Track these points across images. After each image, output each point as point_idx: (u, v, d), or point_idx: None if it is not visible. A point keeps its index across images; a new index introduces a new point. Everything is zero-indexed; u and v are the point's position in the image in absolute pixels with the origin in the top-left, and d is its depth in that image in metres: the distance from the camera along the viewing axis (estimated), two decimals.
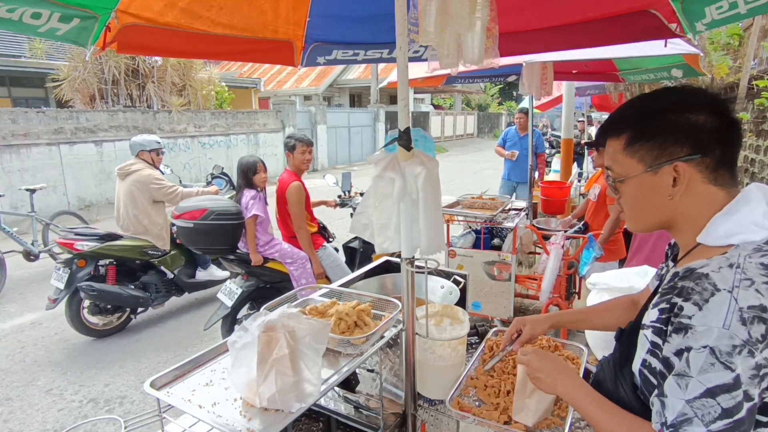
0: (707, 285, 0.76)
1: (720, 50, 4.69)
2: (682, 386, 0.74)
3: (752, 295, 0.72)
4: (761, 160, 3.70)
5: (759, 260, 0.76)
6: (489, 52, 1.29)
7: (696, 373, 0.73)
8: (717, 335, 0.72)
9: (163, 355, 3.77)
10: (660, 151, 0.86)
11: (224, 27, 1.80)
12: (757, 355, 0.71)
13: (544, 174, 7.08)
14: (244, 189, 3.49)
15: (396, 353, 1.56)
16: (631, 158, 0.89)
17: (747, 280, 0.74)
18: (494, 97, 35.46)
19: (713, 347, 0.72)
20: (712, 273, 0.77)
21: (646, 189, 0.88)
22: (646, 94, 0.92)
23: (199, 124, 12.06)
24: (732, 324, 0.71)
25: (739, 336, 0.71)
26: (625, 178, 0.90)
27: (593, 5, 1.92)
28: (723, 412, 0.71)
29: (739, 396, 0.71)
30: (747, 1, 1.37)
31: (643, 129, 0.87)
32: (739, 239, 0.80)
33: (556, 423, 1.19)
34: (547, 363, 1.04)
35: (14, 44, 13.19)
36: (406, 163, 1.25)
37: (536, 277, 3.44)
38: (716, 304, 0.74)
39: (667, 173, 0.85)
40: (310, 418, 1.66)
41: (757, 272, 0.74)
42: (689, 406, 0.73)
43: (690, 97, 0.86)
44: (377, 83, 18.13)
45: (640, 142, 0.87)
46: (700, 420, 0.72)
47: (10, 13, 1.21)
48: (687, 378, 0.74)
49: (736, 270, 0.75)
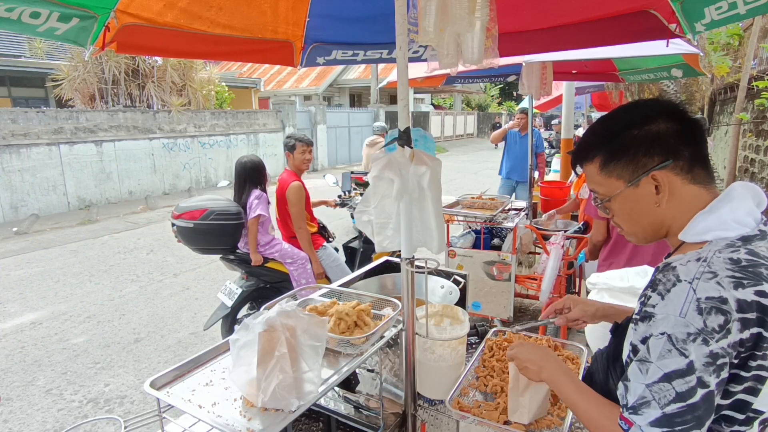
0: (671, 276, 0.80)
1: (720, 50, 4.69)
2: (643, 371, 0.78)
3: (712, 287, 0.75)
4: (761, 160, 3.70)
5: (728, 255, 0.78)
6: (488, 52, 1.29)
7: (655, 358, 0.77)
8: (673, 323, 0.75)
9: (163, 355, 3.77)
10: (634, 166, 0.90)
11: (224, 27, 1.80)
12: (712, 343, 0.73)
13: (545, 174, 7.07)
14: (251, 189, 3.47)
15: (396, 353, 1.56)
16: (609, 178, 0.93)
17: (710, 273, 0.77)
18: (494, 97, 35.47)
19: (670, 334, 0.75)
20: (679, 266, 0.81)
21: (633, 202, 0.92)
22: (603, 118, 0.97)
23: (199, 124, 12.06)
24: (688, 313, 0.74)
25: (694, 324, 0.74)
26: (611, 197, 0.94)
27: (593, 5, 1.92)
28: (677, 396, 0.74)
29: (693, 381, 0.73)
30: (746, 2, 1.37)
31: (611, 150, 0.92)
32: (713, 235, 0.83)
33: (555, 423, 1.19)
34: (534, 352, 1.10)
35: (14, 44, 13.19)
36: (407, 162, 1.25)
37: (536, 277, 3.44)
38: (676, 294, 0.77)
39: (647, 183, 0.89)
40: (310, 418, 1.66)
41: (723, 266, 0.77)
42: (648, 390, 0.77)
43: (644, 109, 0.91)
44: (377, 83, 18.13)
45: (613, 162, 0.92)
46: (656, 403, 0.76)
47: (9, 13, 1.21)
48: (647, 363, 0.78)
49: (702, 263, 0.78)
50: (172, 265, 6.02)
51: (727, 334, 0.73)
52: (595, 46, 2.13)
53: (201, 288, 5.23)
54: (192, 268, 5.88)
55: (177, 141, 11.51)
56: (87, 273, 5.77)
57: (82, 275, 5.71)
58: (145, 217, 8.99)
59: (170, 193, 11.43)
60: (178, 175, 11.72)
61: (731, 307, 0.73)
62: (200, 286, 5.30)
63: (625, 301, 1.79)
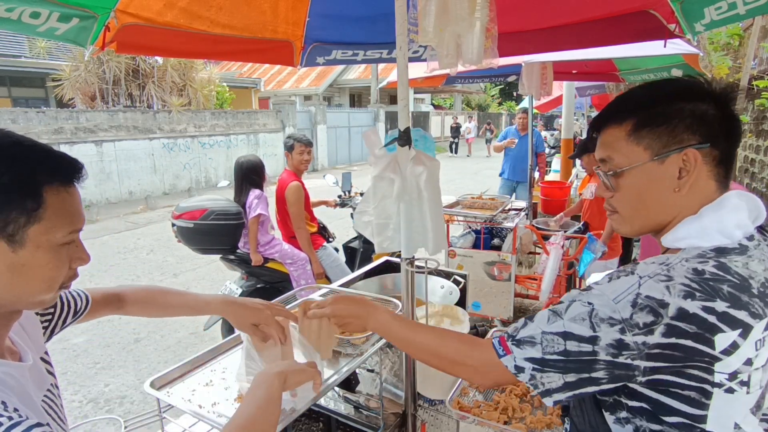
0: (628, 269, 0.79)
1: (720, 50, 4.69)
2: (550, 320, 0.79)
3: (659, 289, 0.72)
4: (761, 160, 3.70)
5: (693, 265, 0.74)
6: (488, 52, 1.29)
7: (567, 318, 0.77)
8: (604, 302, 0.75)
9: (163, 355, 3.77)
10: (670, 138, 0.80)
11: (223, 27, 1.80)
12: (628, 335, 0.72)
13: (545, 174, 7.07)
14: (250, 189, 3.47)
15: (396, 353, 1.56)
16: (637, 146, 0.83)
17: (665, 276, 0.74)
18: (494, 97, 35.47)
19: (594, 308, 0.75)
20: (642, 263, 0.80)
21: (651, 180, 0.83)
22: (652, 82, 0.87)
23: (199, 124, 12.07)
24: (621, 302, 0.73)
25: (620, 313, 0.73)
26: (627, 169, 0.84)
27: (593, 5, 1.92)
28: (564, 351, 0.76)
29: (586, 348, 0.74)
30: (746, 2, 1.37)
31: (651, 114, 0.82)
32: (687, 243, 0.79)
33: (556, 423, 1.19)
34: (353, 305, 1.08)
35: (14, 44, 13.19)
36: (406, 163, 1.25)
37: (536, 277, 3.44)
38: (621, 282, 0.77)
39: (673, 163, 0.80)
40: (310, 418, 1.66)
41: (683, 275, 0.73)
42: (541, 335, 0.79)
43: (695, 86, 0.83)
44: (377, 83, 18.12)
45: (649, 128, 0.82)
46: (541, 347, 0.78)
47: (9, 13, 1.21)
48: (557, 317, 0.79)
49: (662, 266, 0.76)
50: (172, 265, 6.02)
51: (648, 333, 0.71)
52: (595, 46, 2.13)
53: (201, 288, 5.23)
54: (192, 268, 5.88)
55: (177, 141, 11.51)
56: (87, 273, 5.77)
57: (83, 275, 5.70)
58: (145, 217, 9.00)
59: (170, 193, 11.43)
60: (178, 175, 11.73)
61: (666, 313, 0.70)
62: (200, 286, 5.30)
63: None
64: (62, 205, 0.71)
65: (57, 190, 0.71)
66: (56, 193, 0.71)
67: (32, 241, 0.69)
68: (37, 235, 0.69)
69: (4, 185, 0.66)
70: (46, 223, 0.69)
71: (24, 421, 0.60)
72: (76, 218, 0.74)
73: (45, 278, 0.72)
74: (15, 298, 0.71)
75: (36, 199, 0.68)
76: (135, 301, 1.13)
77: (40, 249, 0.70)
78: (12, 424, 0.59)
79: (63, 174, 0.72)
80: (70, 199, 0.73)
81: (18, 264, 0.69)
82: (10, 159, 0.67)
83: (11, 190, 0.66)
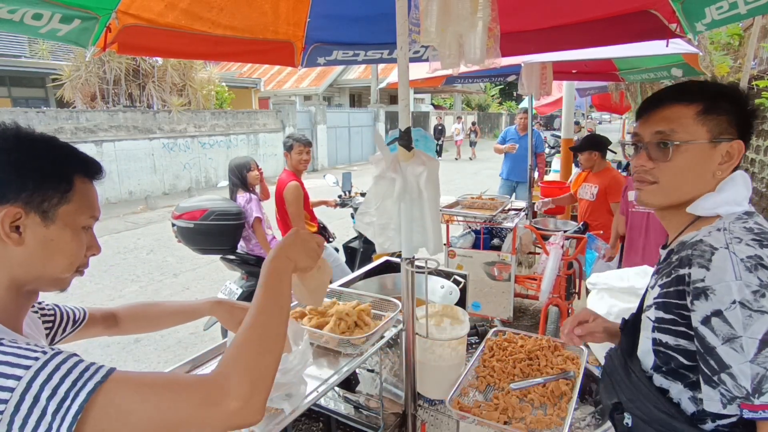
0: (704, 247, 0.83)
1: (720, 50, 4.69)
2: (738, 349, 0.76)
3: (745, 248, 0.80)
4: (761, 160, 3.70)
5: (741, 225, 0.85)
6: (490, 52, 1.29)
7: (742, 331, 0.76)
8: (736, 288, 0.77)
9: (163, 355, 3.77)
10: (726, 126, 0.92)
11: (224, 28, 1.80)
12: None
13: (544, 174, 7.07)
14: (237, 190, 3.48)
15: (396, 353, 1.56)
16: (702, 126, 0.93)
17: (736, 237, 0.82)
18: (494, 97, 35.45)
19: (740, 300, 0.76)
20: (705, 237, 0.86)
21: (701, 158, 0.93)
22: (705, 82, 1.00)
23: (199, 124, 12.06)
24: (742, 273, 0.77)
25: (752, 282, 0.76)
26: (687, 143, 0.93)
27: (593, 5, 1.92)
28: None
29: None
30: (747, 2, 1.37)
31: (717, 104, 0.93)
32: (724, 210, 0.90)
33: (556, 423, 1.20)
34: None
35: (15, 44, 13.19)
36: (406, 163, 1.25)
37: (536, 277, 3.44)
38: (720, 261, 0.80)
39: (722, 150, 0.92)
40: (310, 418, 1.66)
41: (743, 233, 0.83)
42: (756, 365, 0.75)
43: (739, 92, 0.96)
44: (377, 83, 18.12)
45: (714, 114, 0.92)
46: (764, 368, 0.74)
47: (12, 14, 1.22)
48: (737, 340, 0.76)
49: (724, 232, 0.84)
50: (172, 265, 6.02)
51: None
52: (595, 46, 2.13)
53: (201, 288, 5.23)
54: (192, 268, 5.88)
55: (177, 141, 11.51)
56: (87, 273, 5.67)
57: (83, 276, 5.70)
58: (145, 217, 8.99)
59: (170, 193, 11.42)
60: (178, 176, 11.72)
61: (766, 263, 0.78)
62: (200, 286, 5.30)
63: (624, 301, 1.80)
64: (87, 193, 0.84)
65: (83, 180, 0.84)
66: (83, 182, 0.83)
67: (61, 219, 0.79)
68: (66, 214, 0.80)
69: (45, 167, 0.78)
70: (74, 205, 0.81)
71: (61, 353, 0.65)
72: (96, 208, 0.87)
73: (68, 254, 0.82)
74: (39, 273, 0.80)
75: (68, 183, 0.80)
76: (129, 317, 1.20)
77: (67, 228, 0.81)
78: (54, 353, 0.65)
79: (90, 168, 0.85)
80: (92, 190, 0.86)
81: (48, 238, 0.79)
82: (50, 148, 0.81)
83: (50, 173, 0.78)
